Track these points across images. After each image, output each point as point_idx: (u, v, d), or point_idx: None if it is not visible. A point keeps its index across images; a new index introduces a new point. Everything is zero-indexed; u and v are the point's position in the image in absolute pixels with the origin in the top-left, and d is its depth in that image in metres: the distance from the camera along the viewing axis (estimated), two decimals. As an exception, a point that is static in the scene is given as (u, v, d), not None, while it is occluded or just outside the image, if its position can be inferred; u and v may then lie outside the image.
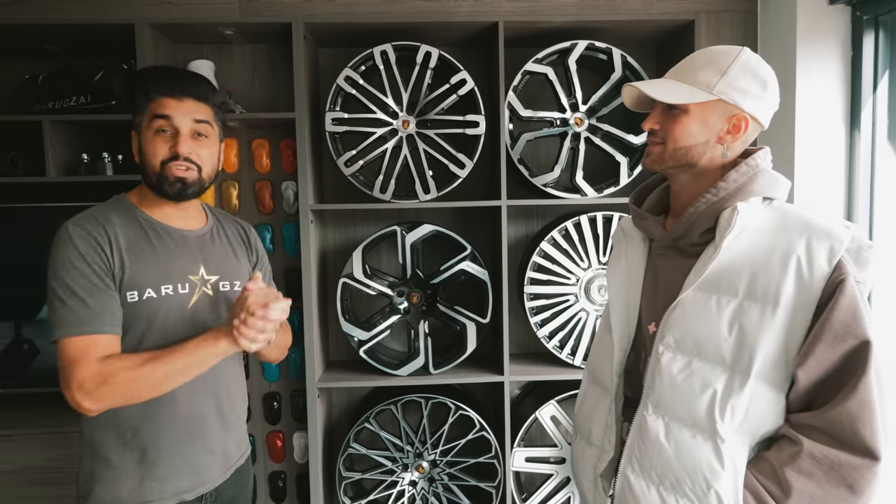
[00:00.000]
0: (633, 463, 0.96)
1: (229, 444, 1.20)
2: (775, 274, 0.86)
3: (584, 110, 1.87)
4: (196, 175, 1.11)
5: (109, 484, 1.08)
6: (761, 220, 0.91)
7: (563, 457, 1.97)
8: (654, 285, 1.01)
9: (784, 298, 0.85)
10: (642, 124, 0.98)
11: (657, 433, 0.93)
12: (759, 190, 0.91)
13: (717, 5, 1.90)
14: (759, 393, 0.87)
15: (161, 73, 1.14)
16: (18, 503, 1.83)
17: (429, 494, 1.96)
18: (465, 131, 1.83)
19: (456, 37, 1.96)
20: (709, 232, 0.93)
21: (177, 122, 1.09)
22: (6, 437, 1.82)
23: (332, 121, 1.81)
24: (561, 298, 1.92)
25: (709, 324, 0.89)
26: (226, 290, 1.18)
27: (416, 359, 1.90)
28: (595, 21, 1.84)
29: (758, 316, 0.86)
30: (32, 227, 1.86)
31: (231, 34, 1.88)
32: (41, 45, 1.87)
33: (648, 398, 0.95)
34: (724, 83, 0.90)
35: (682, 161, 0.94)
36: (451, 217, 2.13)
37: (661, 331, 0.95)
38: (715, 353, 0.89)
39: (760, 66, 0.93)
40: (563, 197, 1.87)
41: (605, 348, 1.08)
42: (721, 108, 0.91)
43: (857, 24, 1.76)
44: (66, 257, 1.03)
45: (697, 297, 0.91)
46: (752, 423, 0.88)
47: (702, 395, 0.89)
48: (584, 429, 1.12)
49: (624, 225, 1.12)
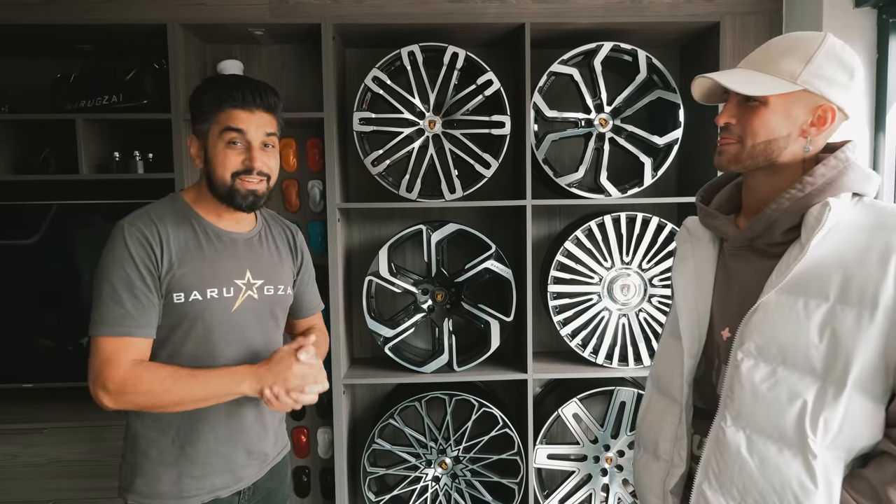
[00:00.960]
0: (711, 478, 0.90)
1: (266, 445, 1.23)
2: (873, 275, 0.80)
3: (609, 111, 1.90)
4: (265, 186, 1.13)
5: (150, 477, 1.12)
6: (852, 217, 0.85)
7: (584, 454, 2.00)
8: (726, 289, 0.96)
9: (884, 302, 0.79)
10: (716, 119, 0.93)
11: (738, 447, 0.87)
12: (850, 185, 0.85)
13: (742, 7, 1.91)
14: (855, 405, 0.81)
15: (231, 83, 1.13)
16: (49, 494, 1.88)
17: (452, 490, 1.99)
18: (491, 131, 1.86)
19: (482, 38, 1.99)
20: (792, 230, 0.87)
21: (250, 135, 1.09)
22: (38, 430, 1.87)
23: (360, 120, 1.84)
24: (584, 297, 1.95)
25: (796, 329, 0.84)
26: (270, 293, 1.20)
27: (441, 356, 1.93)
28: (621, 23, 1.86)
29: (853, 321, 0.80)
30: (67, 224, 1.90)
31: (261, 35, 1.91)
32: (73, 45, 1.91)
33: (727, 409, 0.89)
34: (809, 72, 0.84)
35: (760, 158, 0.88)
36: (475, 216, 2.16)
37: (739, 337, 0.89)
38: (804, 360, 0.83)
39: (846, 52, 0.86)
40: (587, 197, 1.90)
41: (673, 356, 1.02)
42: (805, 99, 0.85)
43: (882, 27, 1.78)
44: (116, 258, 1.05)
45: (781, 300, 0.85)
46: (848, 438, 0.82)
47: (790, 406, 0.83)
48: (649, 441, 1.05)
49: (689, 224, 1.06)
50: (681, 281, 1.03)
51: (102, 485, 1.89)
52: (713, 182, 1.06)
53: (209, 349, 1.12)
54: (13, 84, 2.00)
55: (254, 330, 1.18)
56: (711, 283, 0.98)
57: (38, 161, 1.89)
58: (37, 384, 1.96)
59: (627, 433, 1.97)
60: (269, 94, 1.13)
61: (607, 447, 1.99)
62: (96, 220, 1.92)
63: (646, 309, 1.96)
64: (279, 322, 1.26)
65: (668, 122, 1.91)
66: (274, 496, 1.28)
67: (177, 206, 1.15)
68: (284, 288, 1.24)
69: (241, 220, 1.19)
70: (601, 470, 2.00)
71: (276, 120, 1.15)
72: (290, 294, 1.27)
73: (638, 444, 1.10)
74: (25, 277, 1.92)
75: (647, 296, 1.96)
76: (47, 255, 1.90)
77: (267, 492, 1.25)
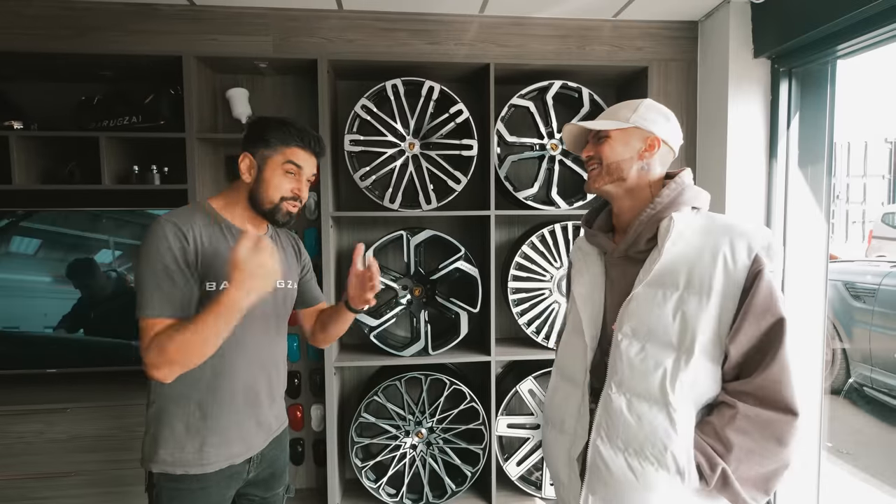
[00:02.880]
0: (602, 435, 1.08)
1: (271, 417, 1.36)
2: (707, 268, 1.01)
3: (559, 138, 2.25)
4: (299, 208, 1.34)
5: (172, 448, 1.21)
6: (693, 226, 1.06)
7: (537, 423, 2.35)
8: (611, 291, 1.16)
9: (716, 287, 1.00)
10: (581, 153, 1.19)
11: (621, 408, 1.06)
12: (687, 201, 1.08)
13: (665, 55, 2.31)
14: (701, 367, 1.02)
15: (301, 128, 1.30)
16: (71, 466, 2.07)
17: (427, 456, 2.30)
18: (461, 153, 2.16)
19: (454, 74, 2.30)
20: (651, 240, 1.09)
21: (305, 172, 1.30)
22: (61, 410, 2.06)
23: (350, 142, 2.13)
24: (538, 292, 2.29)
25: (657, 313, 1.04)
26: (280, 286, 1.35)
27: (418, 342, 2.23)
28: (568, 65, 2.21)
29: (696, 304, 1.01)
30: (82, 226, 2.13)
31: (265, 67, 2.19)
32: (96, 71, 2.14)
33: (612, 379, 1.08)
34: (637, 115, 1.12)
35: (615, 175, 1.12)
36: (448, 224, 2.46)
37: (619, 322, 1.09)
38: (664, 336, 1.03)
39: (661, 106, 1.15)
40: (540, 208, 2.22)
41: (575, 349, 1.19)
42: (637, 134, 1.11)
43: (775, 75, 2.16)
44: (156, 247, 1.15)
45: (647, 292, 1.06)
46: (697, 393, 1.03)
47: (655, 372, 1.03)
48: (555, 419, 1.22)
49: (580, 244, 1.27)
50: (580, 290, 1.21)
51: (120, 457, 2.08)
52: (592, 209, 1.30)
53: (234, 333, 1.19)
54: (42, 104, 2.20)
55: (268, 317, 1.32)
56: (604, 287, 1.18)
57: (65, 173, 2.12)
58: (59, 369, 2.16)
59: (573, 405, 2.33)
60: (322, 143, 1.34)
61: (557, 417, 2.35)
62: (117, 225, 2.16)
63: (589, 302, 2.32)
64: (286, 313, 1.41)
65: (606, 147, 2.27)
66: (276, 463, 1.40)
67: (204, 210, 1.28)
68: (292, 283, 1.41)
69: (259, 227, 1.35)
70: (552, 436, 2.35)
71: (318, 163, 1.37)
72: (295, 289, 1.44)
73: (545, 423, 1.27)
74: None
75: (590, 291, 2.31)
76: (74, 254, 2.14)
77: (271, 458, 1.38)
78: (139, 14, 2.19)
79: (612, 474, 1.06)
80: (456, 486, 2.28)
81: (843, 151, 8.48)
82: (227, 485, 1.27)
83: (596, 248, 1.22)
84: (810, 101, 2.16)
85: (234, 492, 1.31)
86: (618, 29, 2.39)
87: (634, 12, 2.30)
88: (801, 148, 2.17)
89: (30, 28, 2.16)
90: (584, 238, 1.25)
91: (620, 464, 1.05)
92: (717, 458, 1.00)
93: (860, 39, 1.80)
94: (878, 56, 1.78)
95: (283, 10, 2.25)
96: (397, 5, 2.24)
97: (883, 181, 8.31)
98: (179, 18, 2.22)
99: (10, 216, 2.10)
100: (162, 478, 1.22)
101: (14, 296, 2.13)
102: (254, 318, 1.26)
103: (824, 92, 2.11)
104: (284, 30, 2.26)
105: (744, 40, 2.17)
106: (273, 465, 1.39)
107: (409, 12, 2.29)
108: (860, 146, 8.42)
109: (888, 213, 6.77)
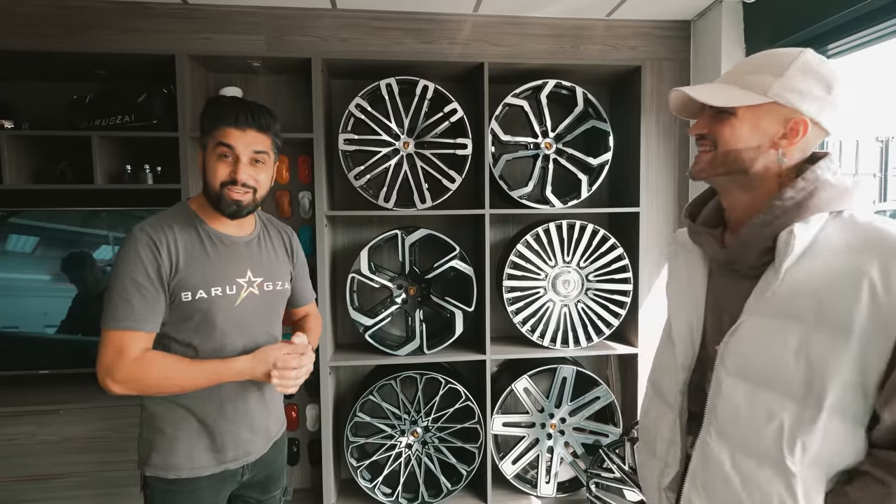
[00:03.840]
0: (698, 489, 0.89)
1: (270, 422, 1.34)
2: (846, 299, 0.75)
3: (553, 136, 2.26)
4: (251, 197, 1.21)
5: (165, 452, 1.21)
6: (828, 236, 0.80)
7: (533, 421, 2.36)
8: (716, 304, 0.93)
9: (858, 325, 0.74)
10: (689, 130, 0.92)
11: (722, 462, 0.85)
12: (822, 205, 0.80)
13: (659, 55, 2.32)
14: (833, 427, 0.77)
15: (228, 104, 1.21)
16: (64, 468, 2.06)
17: (422, 455, 2.30)
18: (456, 152, 2.17)
19: (449, 73, 2.31)
20: (768, 252, 0.83)
21: (238, 151, 1.18)
22: (53, 412, 2.04)
23: (345, 141, 2.13)
24: (533, 291, 2.30)
25: (773, 352, 0.80)
26: (269, 289, 1.30)
27: (413, 341, 2.23)
28: (562, 64, 2.22)
29: (828, 345, 0.76)
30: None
31: (258, 66, 2.18)
32: (90, 70, 2.12)
33: (711, 424, 0.88)
34: (780, 85, 0.81)
35: (733, 166, 0.86)
36: (442, 223, 2.46)
37: (720, 356, 0.87)
38: (780, 382, 0.80)
39: (824, 66, 0.82)
40: (535, 207, 2.23)
41: (668, 365, 1.00)
42: (776, 112, 0.82)
43: None
44: (128, 259, 1.14)
45: (759, 322, 0.83)
46: (827, 456, 0.78)
47: (768, 426, 0.80)
48: (647, 439, 1.05)
49: (680, 238, 1.02)
50: (674, 294, 1.02)
51: (112, 459, 2.07)
52: (699, 197, 1.03)
53: (218, 340, 1.21)
54: (33, 103, 2.19)
55: (256, 322, 1.27)
56: (703, 297, 0.95)
57: (56, 172, 2.10)
58: (52, 370, 2.15)
59: (568, 403, 2.34)
60: (262, 115, 1.20)
61: (552, 415, 2.36)
62: (109, 224, 2.15)
63: (583, 300, 2.32)
64: (279, 313, 1.36)
65: (600, 146, 2.27)
66: (273, 466, 1.38)
67: (184, 213, 1.24)
68: (283, 283, 1.35)
69: (240, 225, 1.27)
70: (547, 434, 2.37)
71: (269, 139, 1.22)
72: (288, 288, 1.38)
73: (640, 440, 1.10)
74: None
75: (585, 289, 2.33)
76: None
77: (268, 461, 1.36)
78: (132, 13, 2.18)
79: None
80: (451, 485, 2.28)
81: (836, 150, 8.58)
82: (219, 487, 1.27)
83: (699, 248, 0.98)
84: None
85: (227, 494, 1.30)
86: (611, 28, 2.40)
87: (628, 12, 2.31)
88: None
89: (22, 26, 2.15)
90: (686, 232, 1.01)
91: None
92: None
93: (849, 39, 1.82)
94: (869, 55, 1.81)
95: (276, 9, 2.25)
96: (391, 4, 2.24)
97: (874, 179, 8.41)
98: (172, 17, 2.21)
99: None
100: (155, 480, 1.22)
101: (9, 295, 2.11)
102: (239, 324, 1.24)
103: (815, 91, 2.12)
104: (277, 28, 2.26)
105: (736, 39, 2.19)
106: (270, 468, 1.37)
107: (403, 11, 2.30)
108: (852, 145, 8.52)
109: (879, 211, 6.83)
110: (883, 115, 2.50)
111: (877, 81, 2.03)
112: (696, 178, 0.91)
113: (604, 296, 2.32)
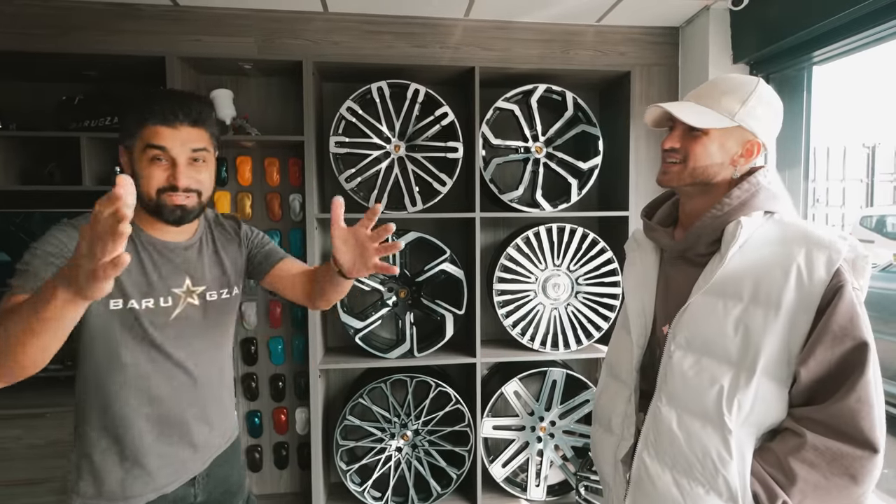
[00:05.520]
0: (649, 448, 1.02)
1: (213, 438, 1.21)
2: (777, 281, 0.90)
3: (543, 140, 2.27)
4: (196, 200, 1.09)
5: (93, 479, 1.08)
6: (763, 232, 0.96)
7: (523, 425, 2.36)
8: (665, 291, 1.08)
9: (786, 303, 0.89)
10: (663, 143, 1.04)
11: (670, 422, 0.98)
12: (760, 205, 0.96)
13: (648, 60, 2.35)
14: (763, 388, 0.91)
15: (155, 98, 1.04)
16: (51, 472, 2.03)
17: (412, 459, 2.30)
18: (446, 155, 2.18)
19: (440, 77, 2.32)
20: (714, 243, 0.99)
21: (173, 152, 1.03)
22: (39, 415, 2.02)
23: (335, 143, 2.14)
24: (523, 294, 2.30)
25: (716, 325, 0.95)
26: (213, 298, 1.18)
27: (403, 344, 2.23)
28: (552, 69, 2.24)
29: (762, 318, 0.91)
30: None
31: (249, 68, 2.18)
32: (79, 71, 2.12)
33: (662, 391, 1.01)
34: (744, 112, 0.96)
35: (699, 179, 1.00)
36: (433, 226, 2.47)
37: (672, 331, 1.01)
38: (722, 351, 0.94)
39: (773, 97, 0.99)
40: (525, 211, 2.25)
41: (624, 346, 1.14)
42: (739, 134, 0.97)
43: None
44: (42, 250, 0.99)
45: (705, 301, 0.97)
46: (758, 416, 0.92)
47: (710, 389, 0.94)
48: (603, 417, 1.17)
49: (637, 236, 1.18)
50: (630, 283, 1.16)
51: None
52: (655, 199, 1.19)
53: (150, 355, 1.09)
54: (21, 104, 2.17)
55: (196, 335, 1.15)
56: (655, 286, 1.10)
57: (44, 173, 2.09)
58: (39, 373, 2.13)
59: (558, 406, 2.35)
60: (195, 106, 1.06)
61: (542, 419, 2.37)
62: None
63: (573, 304, 2.33)
64: (227, 322, 1.23)
65: (590, 150, 2.29)
66: (228, 481, 1.27)
67: None
68: (228, 291, 1.21)
69: (179, 230, 1.14)
70: (537, 437, 2.37)
71: (205, 133, 1.08)
72: (237, 295, 1.25)
73: (595, 420, 1.22)
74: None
75: (574, 292, 2.34)
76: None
77: (222, 477, 1.25)
78: (122, 14, 2.18)
79: (657, 490, 1.00)
80: (441, 489, 2.28)
81: (823, 156, 8.71)
82: None
83: (652, 242, 1.13)
84: (787, 107, 2.15)
85: None
86: (601, 34, 2.42)
87: (617, 18, 2.34)
88: (779, 152, 2.21)
89: (10, 27, 2.14)
90: (642, 229, 1.17)
91: (667, 480, 0.99)
92: (777, 489, 0.90)
93: (835, 46, 1.85)
94: (856, 64, 1.86)
95: (267, 12, 2.25)
96: (383, 8, 2.25)
97: (861, 185, 8.55)
98: (162, 19, 2.21)
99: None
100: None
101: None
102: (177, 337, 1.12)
103: (801, 97, 2.16)
104: (268, 31, 2.26)
105: (723, 46, 2.22)
106: (225, 484, 1.26)
107: (394, 15, 2.31)
108: (839, 151, 8.65)
109: (866, 216, 6.93)
110: (869, 121, 2.54)
111: (863, 89, 2.06)
112: (663, 185, 1.06)
113: (593, 299, 2.33)
